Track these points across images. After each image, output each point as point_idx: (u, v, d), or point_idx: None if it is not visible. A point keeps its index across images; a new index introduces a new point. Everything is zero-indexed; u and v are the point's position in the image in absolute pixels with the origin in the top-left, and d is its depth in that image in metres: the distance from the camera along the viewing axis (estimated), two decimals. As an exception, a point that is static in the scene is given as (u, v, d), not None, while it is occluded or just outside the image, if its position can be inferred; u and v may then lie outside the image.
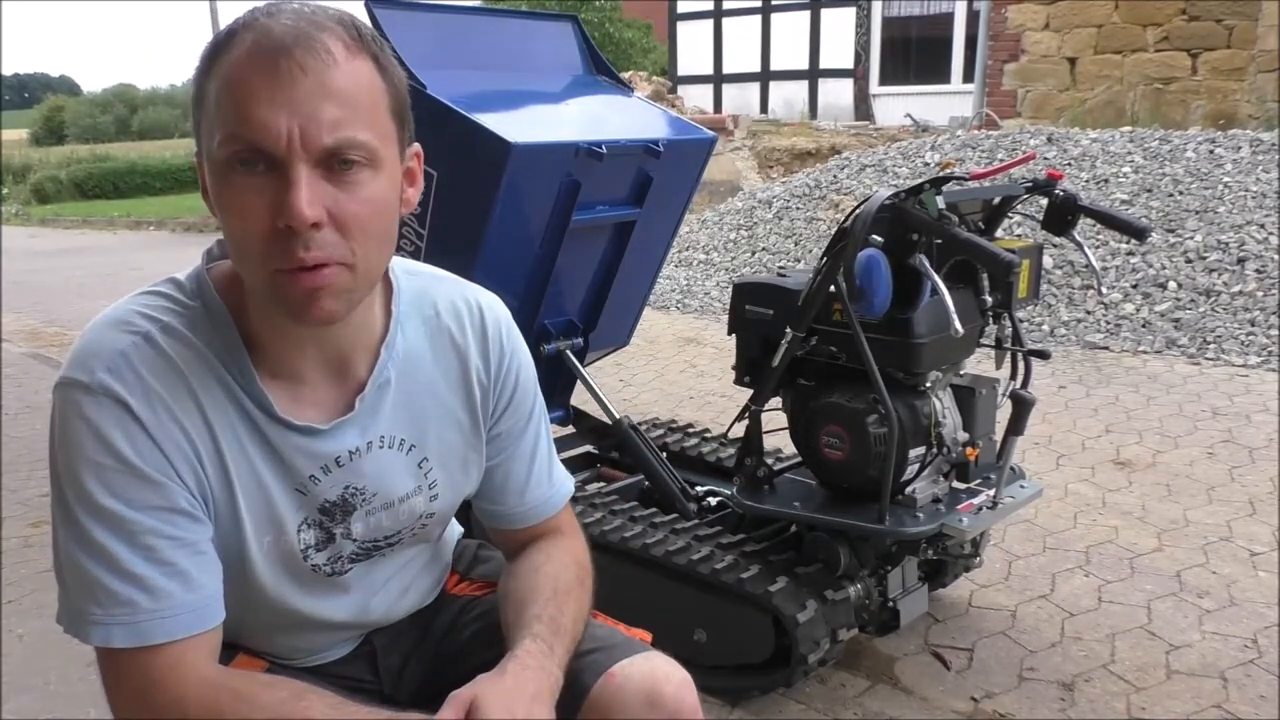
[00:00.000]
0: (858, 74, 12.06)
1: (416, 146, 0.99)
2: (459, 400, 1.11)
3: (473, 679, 1.00)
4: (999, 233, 2.11)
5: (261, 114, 0.84)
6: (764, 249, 6.62)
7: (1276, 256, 4.90)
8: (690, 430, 2.85)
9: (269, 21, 0.86)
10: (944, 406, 1.99)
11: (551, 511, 1.21)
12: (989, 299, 1.89)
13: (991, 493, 2.00)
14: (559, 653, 1.03)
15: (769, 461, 2.13)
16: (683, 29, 13.75)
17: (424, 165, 1.03)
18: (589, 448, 2.86)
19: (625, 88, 2.83)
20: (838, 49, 12.17)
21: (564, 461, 2.77)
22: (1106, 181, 5.75)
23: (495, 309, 1.15)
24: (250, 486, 0.98)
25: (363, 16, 2.41)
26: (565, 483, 1.24)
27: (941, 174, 1.89)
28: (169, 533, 0.92)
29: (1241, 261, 4.93)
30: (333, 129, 0.85)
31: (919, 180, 1.85)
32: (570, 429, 2.87)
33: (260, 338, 0.98)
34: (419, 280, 1.10)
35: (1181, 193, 5.48)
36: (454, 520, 1.33)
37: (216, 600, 0.96)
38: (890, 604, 2.12)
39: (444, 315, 1.10)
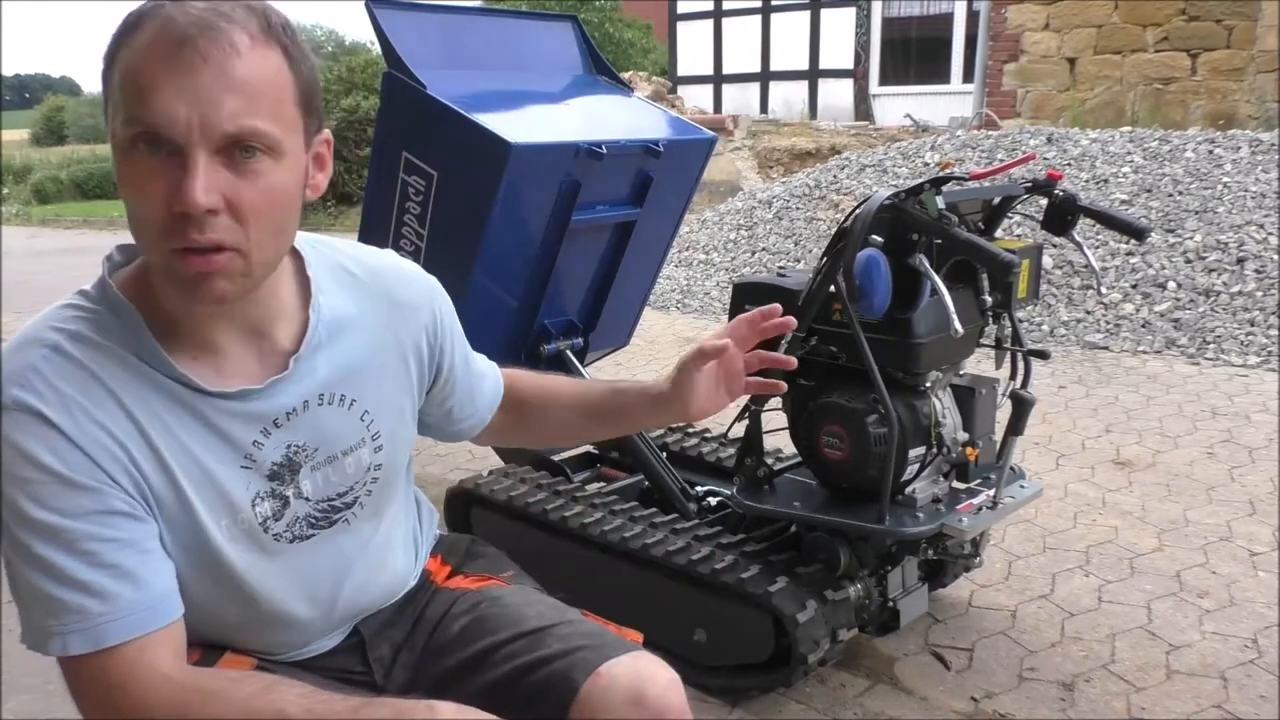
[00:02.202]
0: (858, 74, 12.06)
1: (327, 133, 1.01)
2: (391, 351, 1.13)
3: (457, 672, 1.10)
4: (999, 233, 2.11)
5: (162, 101, 0.85)
6: (764, 249, 6.62)
7: (1276, 256, 4.91)
8: (690, 430, 2.85)
9: (175, 9, 0.87)
10: (944, 406, 1.99)
11: (501, 393, 1.32)
12: (989, 299, 1.88)
13: (991, 493, 2.00)
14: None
15: (769, 461, 2.13)
16: (683, 29, 13.74)
17: (424, 165, 1.03)
18: (589, 448, 2.86)
19: (625, 88, 2.83)
20: (838, 49, 12.16)
21: (564, 461, 2.77)
22: (1106, 181, 5.75)
23: (400, 261, 1.20)
24: (194, 474, 0.98)
25: (362, 16, 2.42)
26: (491, 364, 1.33)
27: (941, 174, 1.89)
28: (108, 535, 0.92)
29: (1241, 261, 4.93)
30: (233, 118, 0.87)
31: (919, 180, 1.85)
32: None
33: (175, 319, 0.98)
34: (320, 248, 1.12)
35: (1181, 193, 5.48)
36: (425, 498, 1.33)
37: (169, 597, 0.96)
38: (890, 604, 2.12)
39: (358, 274, 1.12)
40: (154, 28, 0.87)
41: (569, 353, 2.67)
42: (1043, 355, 1.95)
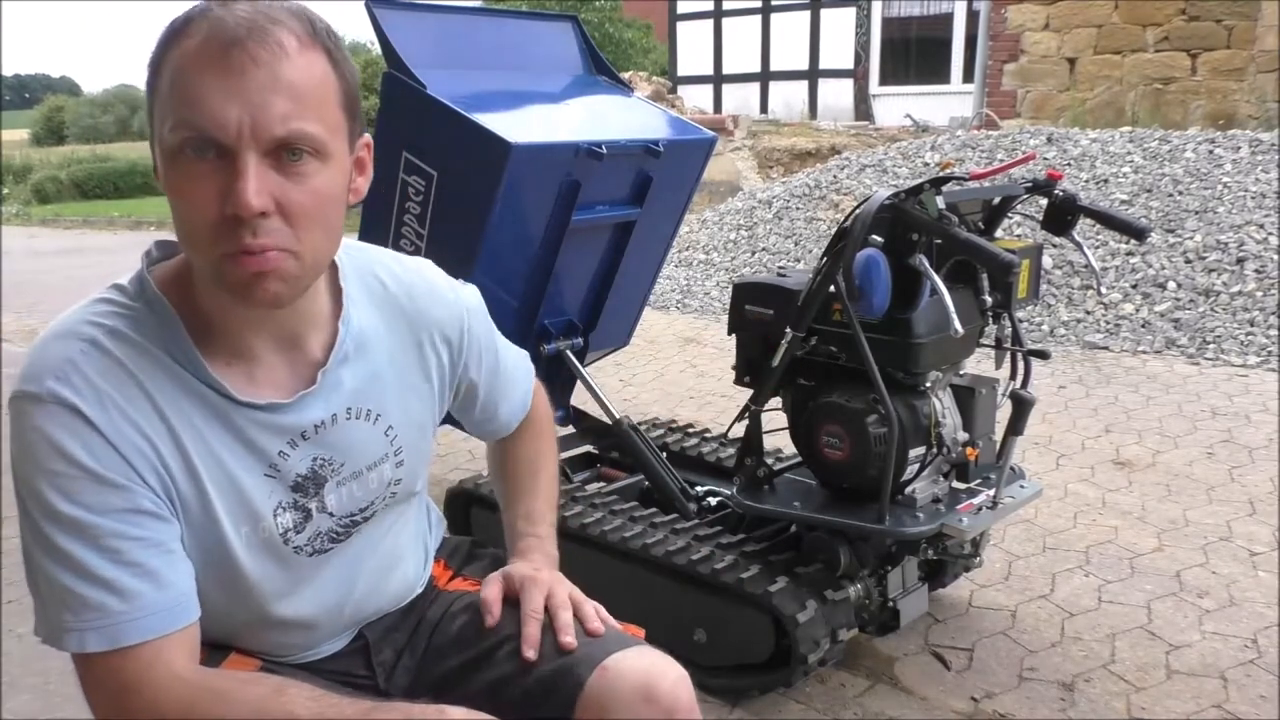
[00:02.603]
0: (858, 74, 12.06)
1: (367, 137, 1.01)
2: (414, 367, 1.14)
3: (460, 672, 1.12)
4: (999, 233, 2.11)
5: (213, 104, 0.85)
6: (764, 249, 6.62)
7: (1276, 256, 4.91)
8: (690, 430, 2.85)
9: (223, 12, 0.88)
10: (944, 406, 1.99)
11: (528, 407, 1.35)
12: (989, 299, 1.88)
13: (991, 493, 2.00)
14: (544, 532, 1.28)
15: (769, 461, 2.13)
16: (683, 29, 13.74)
17: (424, 165, 1.04)
18: (589, 448, 2.86)
19: (625, 88, 2.83)
20: (838, 49, 12.17)
21: (564, 461, 2.76)
22: (1106, 181, 5.75)
23: (434, 273, 1.20)
24: (220, 479, 0.98)
25: (362, 16, 2.42)
26: (525, 371, 1.35)
27: (941, 174, 1.89)
28: (134, 534, 0.92)
29: (1241, 261, 4.93)
30: (283, 121, 0.87)
31: (919, 180, 1.85)
32: (570, 429, 2.87)
33: (212, 323, 0.98)
34: (357, 256, 1.12)
35: (1181, 193, 5.48)
36: (434, 505, 1.33)
37: (189, 599, 0.96)
38: (890, 604, 2.12)
39: (390, 286, 1.13)
40: (202, 31, 0.87)
41: (569, 353, 2.67)
42: (1043, 355, 1.95)
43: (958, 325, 1.70)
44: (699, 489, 2.46)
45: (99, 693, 0.94)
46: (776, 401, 2.10)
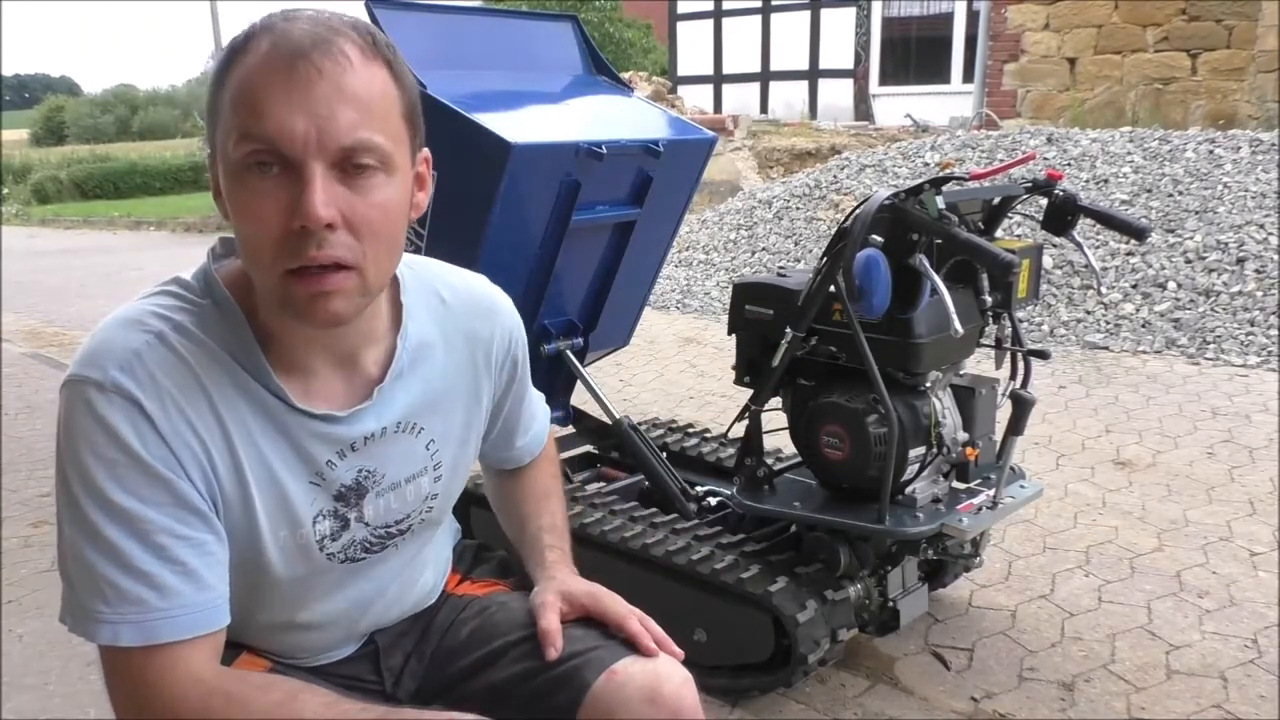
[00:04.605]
0: (858, 74, 12.07)
1: (426, 151, 1.01)
2: (465, 383, 1.14)
3: (467, 674, 1.13)
4: (999, 233, 2.11)
5: (279, 115, 0.85)
6: (764, 249, 6.62)
7: (1276, 256, 4.91)
8: (690, 430, 2.85)
9: (286, 26, 0.88)
10: (944, 406, 1.99)
11: (542, 445, 1.37)
12: (989, 299, 1.88)
13: (991, 493, 2.00)
14: (568, 547, 1.28)
15: (769, 461, 2.13)
16: (683, 29, 13.76)
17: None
18: (589, 448, 2.86)
19: (625, 88, 2.83)
20: (838, 49, 12.18)
21: (564, 461, 2.76)
22: (1106, 181, 5.75)
23: (492, 290, 1.21)
24: (265, 483, 0.99)
25: (362, 16, 2.42)
26: (544, 410, 1.37)
27: (941, 174, 1.89)
28: (181, 532, 0.92)
29: (1241, 261, 4.93)
30: (350, 130, 0.87)
31: (919, 180, 1.85)
32: (570, 429, 2.87)
33: (271, 334, 0.98)
34: (419, 271, 1.13)
35: (1181, 193, 5.48)
36: (453, 518, 1.34)
37: (224, 602, 0.97)
38: (890, 604, 2.12)
39: (450, 302, 1.13)
40: (267, 44, 0.87)
41: (569, 353, 2.67)
42: (1043, 355, 1.95)
43: (958, 325, 1.70)
44: (699, 489, 2.46)
45: (121, 686, 0.94)
46: (776, 401, 2.10)
